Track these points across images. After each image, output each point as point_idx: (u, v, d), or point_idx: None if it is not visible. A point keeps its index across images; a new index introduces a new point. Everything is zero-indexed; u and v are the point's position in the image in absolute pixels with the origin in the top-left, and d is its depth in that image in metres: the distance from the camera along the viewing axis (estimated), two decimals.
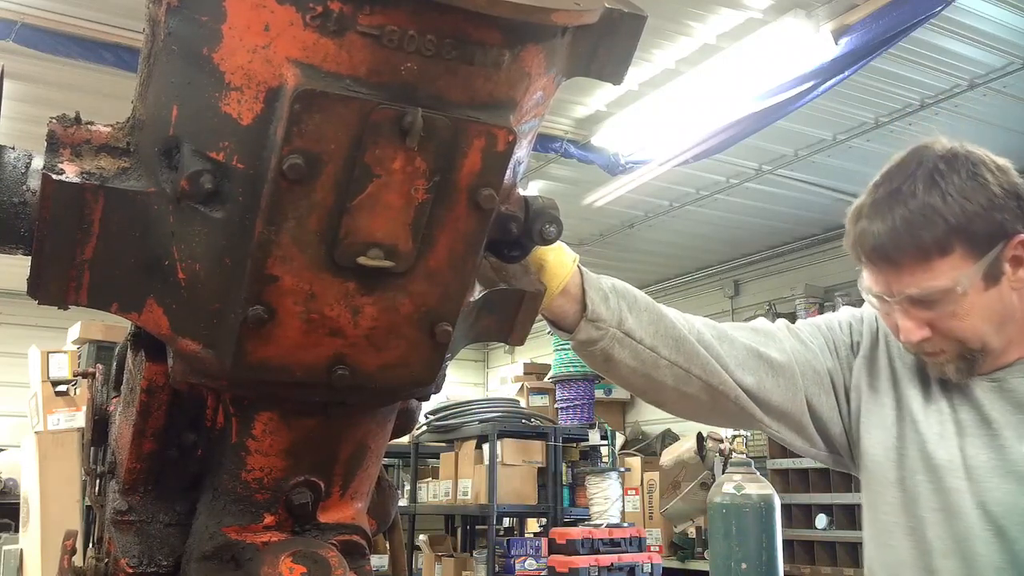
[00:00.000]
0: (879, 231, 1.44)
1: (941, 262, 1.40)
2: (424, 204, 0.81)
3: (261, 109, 0.76)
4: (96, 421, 1.28)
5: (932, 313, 1.44)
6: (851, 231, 1.51)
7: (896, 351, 1.60)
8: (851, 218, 1.52)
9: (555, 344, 9.24)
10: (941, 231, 1.39)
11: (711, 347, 1.52)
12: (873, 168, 1.55)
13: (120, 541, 1.05)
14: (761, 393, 1.55)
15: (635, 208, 8.18)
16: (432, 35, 0.73)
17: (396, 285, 0.85)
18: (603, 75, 0.90)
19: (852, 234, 1.50)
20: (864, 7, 4.88)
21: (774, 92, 5.49)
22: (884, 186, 1.47)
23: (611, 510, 6.92)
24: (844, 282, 8.60)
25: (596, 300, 1.41)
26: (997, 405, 1.48)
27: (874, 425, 1.58)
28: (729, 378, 1.52)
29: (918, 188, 1.41)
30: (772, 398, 1.57)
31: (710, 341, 1.53)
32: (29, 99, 5.63)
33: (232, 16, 0.73)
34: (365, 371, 0.89)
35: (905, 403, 1.56)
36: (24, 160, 0.85)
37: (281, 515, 1.01)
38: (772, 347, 1.59)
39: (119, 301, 0.87)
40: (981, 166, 1.43)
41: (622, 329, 1.43)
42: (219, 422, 1.01)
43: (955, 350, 1.47)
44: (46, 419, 5.44)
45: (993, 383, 1.50)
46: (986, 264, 1.41)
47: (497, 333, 1.06)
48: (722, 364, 1.52)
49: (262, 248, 0.79)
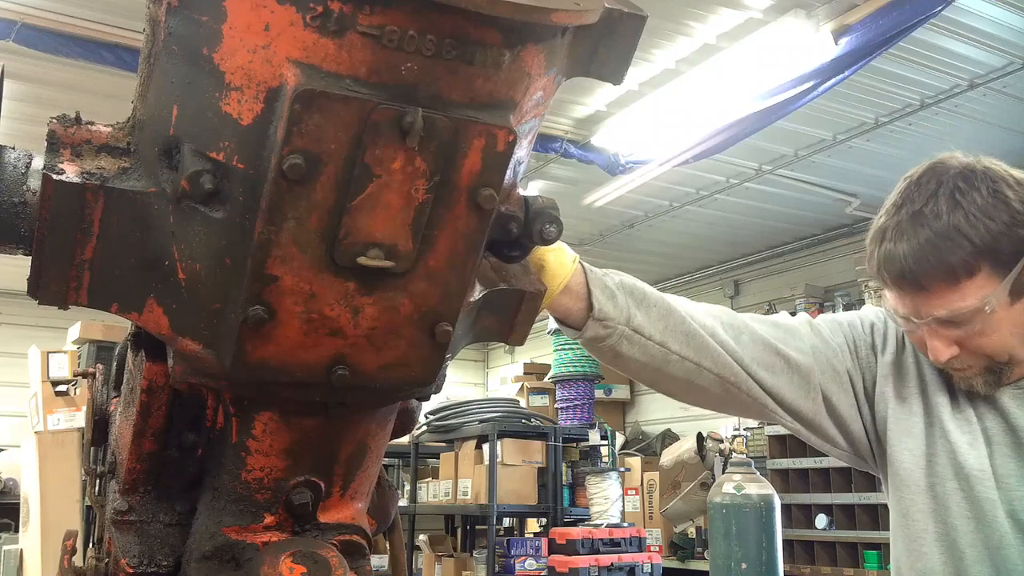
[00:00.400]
0: (905, 254, 1.43)
1: (969, 283, 1.40)
2: (424, 204, 0.81)
3: (261, 109, 0.76)
4: (96, 421, 1.28)
5: (960, 331, 1.44)
6: (875, 254, 1.49)
7: (924, 356, 1.60)
8: (873, 239, 1.51)
9: (555, 344, 9.24)
10: (968, 253, 1.39)
11: (724, 342, 1.52)
12: (873, 168, 1.56)
13: (120, 541, 1.05)
14: (776, 389, 1.55)
15: (635, 208, 8.18)
16: (432, 35, 0.73)
17: (396, 285, 0.85)
18: (603, 75, 0.90)
19: (877, 257, 1.48)
20: (864, 7, 4.88)
21: (774, 92, 5.49)
22: (906, 208, 1.46)
23: (611, 510, 6.92)
24: (844, 282, 8.60)
25: (602, 299, 1.41)
26: (1023, 413, 1.49)
27: (903, 432, 1.57)
28: (743, 371, 1.52)
29: (941, 209, 1.41)
30: (787, 395, 1.56)
31: (723, 335, 1.52)
32: (29, 99, 5.64)
33: (232, 16, 0.73)
34: (365, 371, 0.89)
35: (935, 411, 1.56)
36: (24, 160, 0.85)
37: (281, 515, 1.01)
38: (791, 344, 1.59)
39: (119, 301, 0.87)
40: (1001, 183, 1.43)
41: (630, 326, 1.43)
42: (219, 422, 1.01)
43: (982, 364, 1.48)
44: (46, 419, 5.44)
45: (1019, 391, 1.51)
46: (1012, 280, 1.41)
47: (497, 333, 1.06)
48: (735, 358, 1.52)
49: (262, 248, 0.79)
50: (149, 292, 0.86)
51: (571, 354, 9.03)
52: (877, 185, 7.30)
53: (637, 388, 10.65)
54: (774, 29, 5.10)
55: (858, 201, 7.74)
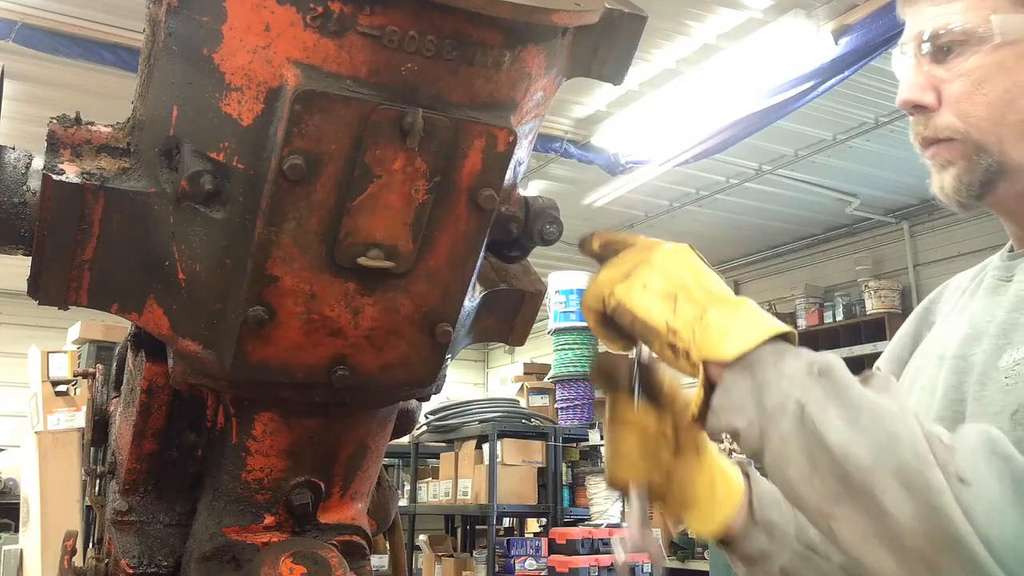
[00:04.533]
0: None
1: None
2: (424, 204, 0.81)
3: (261, 109, 0.76)
4: (96, 421, 1.28)
5: (946, 73, 1.08)
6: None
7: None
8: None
9: (555, 344, 9.24)
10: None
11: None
12: (873, 168, 1.55)
13: (120, 541, 1.05)
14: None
15: (635, 208, 8.18)
16: (432, 36, 0.73)
17: (396, 286, 0.85)
18: (603, 75, 0.90)
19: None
20: (864, 7, 4.88)
21: (774, 92, 5.50)
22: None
23: (611, 510, 6.91)
24: (844, 282, 8.61)
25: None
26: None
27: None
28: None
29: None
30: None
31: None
32: (29, 99, 5.64)
33: (232, 17, 0.73)
34: (365, 371, 0.89)
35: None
36: (24, 160, 0.85)
37: (281, 515, 1.01)
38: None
39: (119, 301, 0.87)
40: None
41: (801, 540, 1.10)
42: (219, 422, 1.01)
43: (961, 149, 1.08)
44: (46, 419, 5.44)
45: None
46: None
47: (497, 333, 1.06)
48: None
49: (262, 248, 0.79)
50: (149, 292, 0.86)
51: (571, 354, 9.02)
52: (877, 185, 7.31)
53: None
54: (774, 29, 5.11)
55: (858, 201, 7.75)
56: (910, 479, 0.76)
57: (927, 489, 0.75)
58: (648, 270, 0.92)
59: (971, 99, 1.06)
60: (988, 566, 0.72)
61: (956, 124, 1.08)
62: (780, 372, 0.83)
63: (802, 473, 0.81)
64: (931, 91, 1.09)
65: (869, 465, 0.77)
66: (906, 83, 1.11)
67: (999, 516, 0.74)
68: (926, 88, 1.09)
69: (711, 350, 0.86)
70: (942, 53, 1.08)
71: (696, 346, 0.87)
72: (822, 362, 0.83)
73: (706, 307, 0.88)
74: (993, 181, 1.07)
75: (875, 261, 8.45)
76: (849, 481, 0.78)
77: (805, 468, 0.81)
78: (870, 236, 8.53)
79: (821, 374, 0.82)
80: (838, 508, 0.79)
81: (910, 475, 0.76)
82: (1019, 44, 1.05)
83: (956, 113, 1.07)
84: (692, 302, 0.89)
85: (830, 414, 0.80)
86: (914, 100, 1.10)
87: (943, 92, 1.08)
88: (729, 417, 0.86)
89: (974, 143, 1.07)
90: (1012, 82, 1.05)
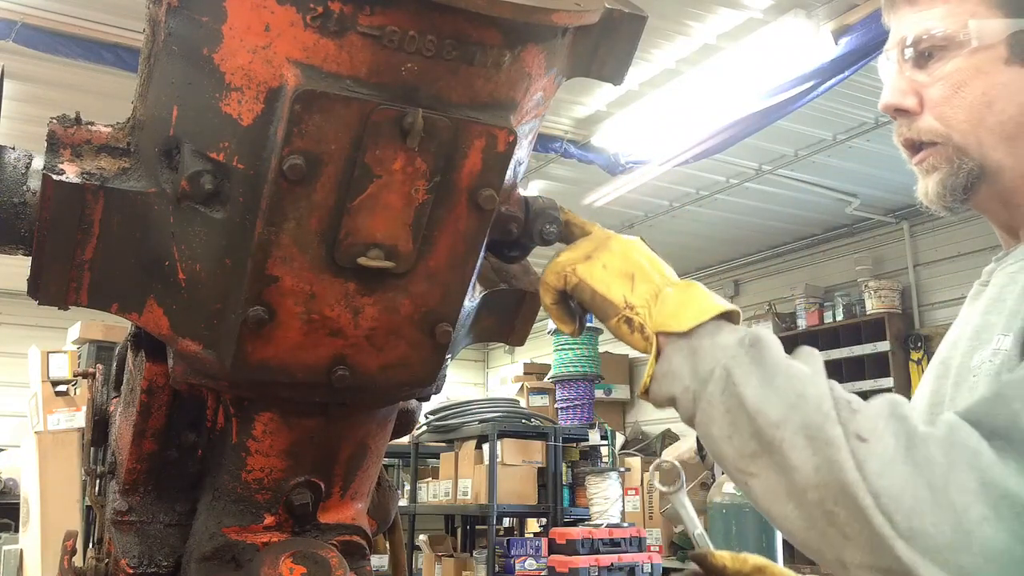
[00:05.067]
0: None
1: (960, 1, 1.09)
2: (424, 205, 0.81)
3: (261, 110, 0.76)
4: (96, 421, 1.28)
5: (927, 77, 1.11)
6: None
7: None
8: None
9: (555, 344, 9.23)
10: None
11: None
12: (873, 168, 1.54)
13: (120, 541, 1.05)
14: None
15: (635, 208, 8.18)
16: (432, 36, 0.73)
17: (396, 286, 0.85)
18: (603, 75, 0.90)
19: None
20: (864, 7, 4.88)
21: (774, 92, 5.49)
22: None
23: (611, 510, 6.91)
24: (844, 282, 8.60)
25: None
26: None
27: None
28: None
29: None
30: None
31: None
32: (29, 99, 5.64)
33: (232, 17, 0.73)
34: (365, 371, 0.89)
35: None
36: (24, 160, 0.85)
37: (281, 515, 1.01)
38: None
39: (119, 301, 0.87)
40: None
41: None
42: (219, 422, 1.01)
43: (944, 153, 1.11)
44: (46, 419, 5.44)
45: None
46: (1019, 28, 1.06)
47: (497, 333, 1.06)
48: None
49: (262, 248, 0.79)
50: (149, 292, 0.86)
51: (571, 354, 9.02)
52: (877, 185, 7.31)
53: (637, 388, 10.65)
54: (774, 29, 5.10)
55: (858, 201, 7.74)
56: (812, 434, 0.81)
57: (826, 444, 0.80)
58: (608, 253, 0.97)
59: (950, 103, 1.09)
60: (876, 519, 0.77)
61: (937, 127, 1.11)
62: (715, 342, 0.89)
63: (723, 431, 0.87)
64: (913, 95, 1.12)
65: (778, 421, 0.82)
66: (889, 88, 1.14)
67: (890, 470, 0.78)
68: (908, 92, 1.12)
69: (667, 323, 0.91)
70: (923, 58, 1.11)
71: (652, 320, 0.93)
72: (753, 335, 0.89)
73: (661, 286, 0.94)
74: (975, 184, 1.10)
75: (875, 261, 8.45)
76: (762, 437, 0.83)
77: (726, 427, 0.86)
78: (870, 236, 8.53)
79: (752, 345, 0.88)
80: (753, 465, 0.84)
81: (812, 430, 0.81)
82: (996, 48, 1.07)
83: (937, 117, 1.11)
84: (648, 282, 0.95)
85: (751, 377, 0.85)
86: (896, 104, 1.13)
87: (924, 96, 1.11)
88: (669, 384, 0.91)
89: (955, 146, 1.10)
90: (989, 85, 1.08)
